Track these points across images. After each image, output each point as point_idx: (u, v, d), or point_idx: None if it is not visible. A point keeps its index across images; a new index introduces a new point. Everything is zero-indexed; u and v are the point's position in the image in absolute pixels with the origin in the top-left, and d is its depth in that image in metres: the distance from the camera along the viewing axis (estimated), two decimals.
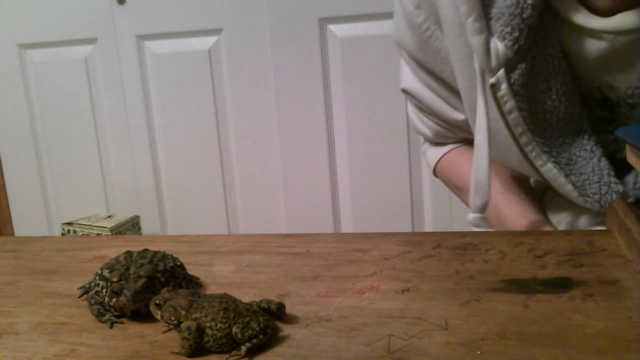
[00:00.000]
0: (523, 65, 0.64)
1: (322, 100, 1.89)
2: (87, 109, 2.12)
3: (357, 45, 1.83)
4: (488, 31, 0.64)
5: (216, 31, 1.95)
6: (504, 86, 0.65)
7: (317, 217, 1.97)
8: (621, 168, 0.68)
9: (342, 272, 0.57)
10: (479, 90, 0.67)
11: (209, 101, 2.00)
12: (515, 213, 0.77)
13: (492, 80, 0.65)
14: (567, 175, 0.69)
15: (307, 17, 1.84)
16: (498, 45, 0.63)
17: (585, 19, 0.63)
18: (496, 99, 0.66)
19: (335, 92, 1.88)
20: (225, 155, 2.04)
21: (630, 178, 0.70)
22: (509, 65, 0.64)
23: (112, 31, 2.03)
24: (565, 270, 0.54)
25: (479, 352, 0.42)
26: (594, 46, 0.63)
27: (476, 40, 0.64)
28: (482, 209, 0.71)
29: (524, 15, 0.62)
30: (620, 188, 0.67)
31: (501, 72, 0.64)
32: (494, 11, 0.63)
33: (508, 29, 0.63)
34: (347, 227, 1.97)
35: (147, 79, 2.04)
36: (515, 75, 0.64)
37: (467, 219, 0.72)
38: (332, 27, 1.84)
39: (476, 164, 0.70)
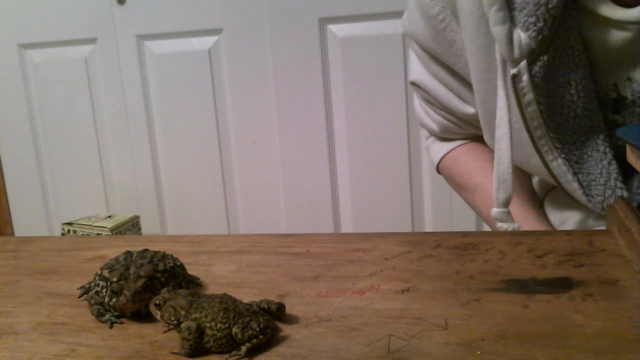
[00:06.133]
0: (545, 57, 0.64)
1: (322, 100, 1.89)
2: (87, 109, 2.12)
3: (357, 45, 1.83)
4: (511, 22, 0.64)
5: (216, 31, 1.95)
6: (525, 77, 0.65)
7: (317, 217, 1.97)
8: (627, 172, 0.68)
9: (342, 272, 0.57)
10: (500, 82, 0.67)
11: (209, 101, 2.00)
12: (516, 218, 0.77)
13: (514, 71, 0.65)
14: (575, 173, 0.69)
15: (307, 17, 1.84)
16: (521, 36, 0.63)
17: (609, 10, 0.62)
18: (516, 91, 0.66)
19: (335, 92, 1.88)
20: (225, 155, 2.04)
21: (634, 183, 0.69)
22: (531, 56, 0.64)
23: (112, 31, 2.03)
24: (565, 270, 0.54)
25: (479, 352, 0.42)
26: (617, 37, 0.63)
27: (499, 30, 0.64)
28: (506, 203, 0.70)
29: (550, 5, 0.62)
30: (625, 194, 0.67)
31: (523, 64, 0.64)
32: (518, 1, 0.63)
33: (532, 19, 0.63)
34: (347, 227, 1.97)
35: (147, 79, 2.04)
36: (536, 67, 0.64)
37: (491, 214, 0.71)
38: (332, 27, 1.84)
39: (498, 157, 0.69)
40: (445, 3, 0.71)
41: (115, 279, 0.51)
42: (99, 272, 0.54)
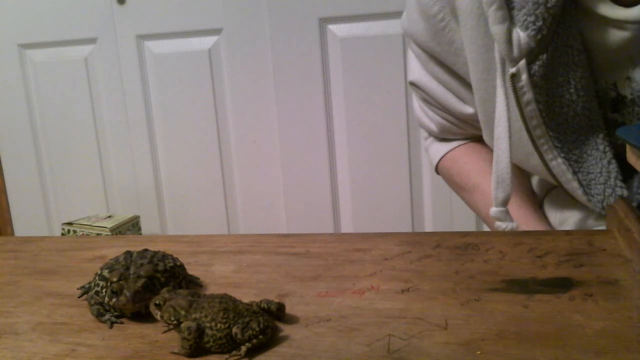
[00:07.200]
0: (544, 56, 0.64)
1: (322, 100, 1.89)
2: (87, 108, 2.12)
3: (357, 45, 1.83)
4: (510, 21, 0.64)
5: (216, 31, 1.95)
6: (524, 77, 0.65)
7: (317, 217, 1.97)
8: (627, 171, 0.68)
9: (342, 272, 0.57)
10: (499, 82, 0.67)
11: (209, 101, 2.00)
12: (515, 217, 0.77)
13: (513, 70, 0.65)
14: (574, 173, 0.69)
15: (307, 17, 1.84)
16: (520, 35, 0.63)
17: (608, 9, 0.62)
18: (515, 90, 0.66)
19: (335, 92, 1.88)
20: (225, 155, 2.04)
21: (634, 182, 0.70)
22: (531, 55, 0.64)
23: (112, 31, 2.03)
24: (565, 270, 0.54)
25: (478, 352, 0.42)
26: (616, 37, 0.63)
27: (498, 29, 0.64)
28: (505, 202, 0.70)
29: (549, 5, 0.62)
30: (625, 192, 0.67)
31: (522, 63, 0.64)
32: (517, 0, 0.63)
33: (531, 18, 0.63)
34: (347, 227, 1.97)
35: (147, 79, 2.04)
36: (535, 67, 0.64)
37: (490, 214, 0.71)
38: (332, 27, 1.84)
39: (497, 156, 0.69)
40: (445, 2, 0.71)
41: (115, 279, 0.51)
42: (99, 272, 0.54)
